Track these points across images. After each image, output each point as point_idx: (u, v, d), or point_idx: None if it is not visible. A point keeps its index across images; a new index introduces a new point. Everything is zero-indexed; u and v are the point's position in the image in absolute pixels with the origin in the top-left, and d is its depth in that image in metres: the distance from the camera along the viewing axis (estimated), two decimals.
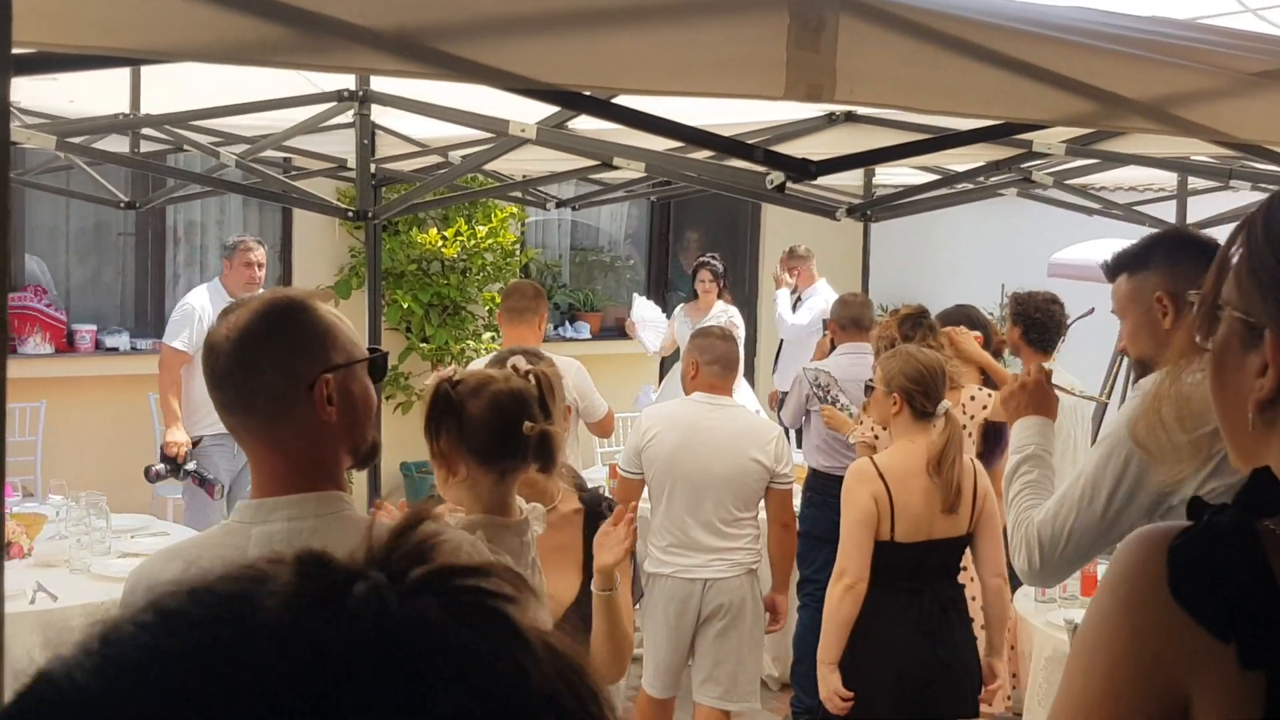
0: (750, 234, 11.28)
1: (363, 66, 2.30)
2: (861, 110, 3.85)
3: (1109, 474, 2.52)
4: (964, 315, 5.38)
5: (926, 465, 3.82)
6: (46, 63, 1.66)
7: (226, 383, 1.86)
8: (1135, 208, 5.55)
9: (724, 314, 8.00)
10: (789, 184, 3.09)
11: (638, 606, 3.14)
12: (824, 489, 5.45)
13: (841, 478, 5.44)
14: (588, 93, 2.07)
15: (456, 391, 2.37)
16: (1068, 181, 4.82)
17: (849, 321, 5.88)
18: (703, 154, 3.80)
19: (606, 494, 3.14)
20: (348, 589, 0.56)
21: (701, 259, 8.50)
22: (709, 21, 1.91)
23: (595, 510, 2.91)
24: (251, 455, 1.90)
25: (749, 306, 10.56)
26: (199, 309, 6.34)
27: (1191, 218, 5.24)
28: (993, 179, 4.55)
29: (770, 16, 1.93)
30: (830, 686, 3.84)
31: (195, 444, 6.27)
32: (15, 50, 1.85)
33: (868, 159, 2.78)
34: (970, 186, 4.71)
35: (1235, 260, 1.18)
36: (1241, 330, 1.17)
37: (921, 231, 9.74)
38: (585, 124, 3.68)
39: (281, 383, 1.85)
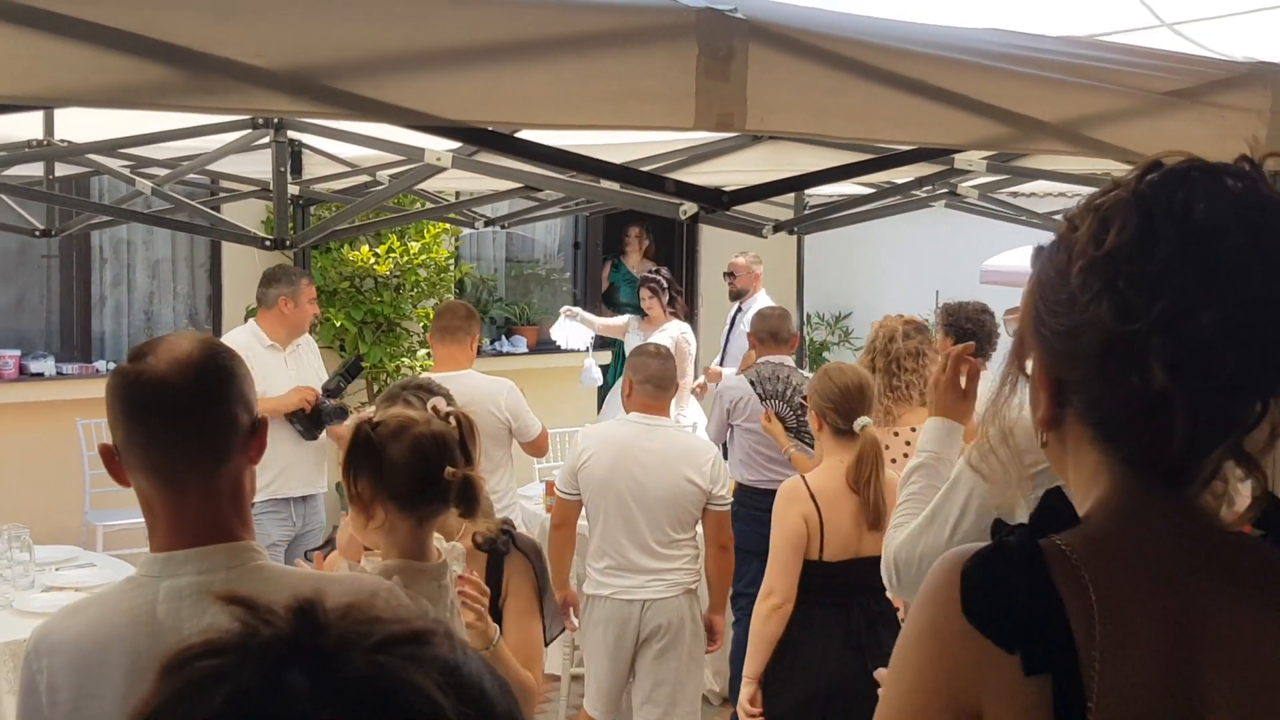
0: (686, 244, 11.29)
1: (259, 108, 2.25)
2: None
3: (955, 499, 2.53)
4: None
5: (845, 482, 3.83)
6: None
7: (183, 418, 1.79)
8: (1056, 215, 5.59)
9: (676, 331, 8.02)
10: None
11: (551, 641, 3.10)
12: (750, 503, 5.48)
13: (767, 491, 5.50)
14: (491, 128, 2.04)
15: (376, 434, 2.31)
16: (992, 194, 4.85)
17: (767, 334, 5.98)
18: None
19: (515, 527, 3.09)
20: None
21: (645, 274, 8.51)
22: (616, 53, 1.89)
23: (495, 549, 2.87)
24: (167, 502, 1.81)
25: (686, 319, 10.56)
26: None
27: None
28: (918, 193, 4.57)
29: (679, 47, 1.92)
30: (743, 699, 3.87)
31: None
32: None
33: (781, 188, 2.78)
34: (897, 201, 4.72)
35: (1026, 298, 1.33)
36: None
37: (854, 241, 9.80)
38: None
39: (239, 421, 1.81)
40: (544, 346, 10.10)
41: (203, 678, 0.67)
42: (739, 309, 8.16)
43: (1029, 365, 1.33)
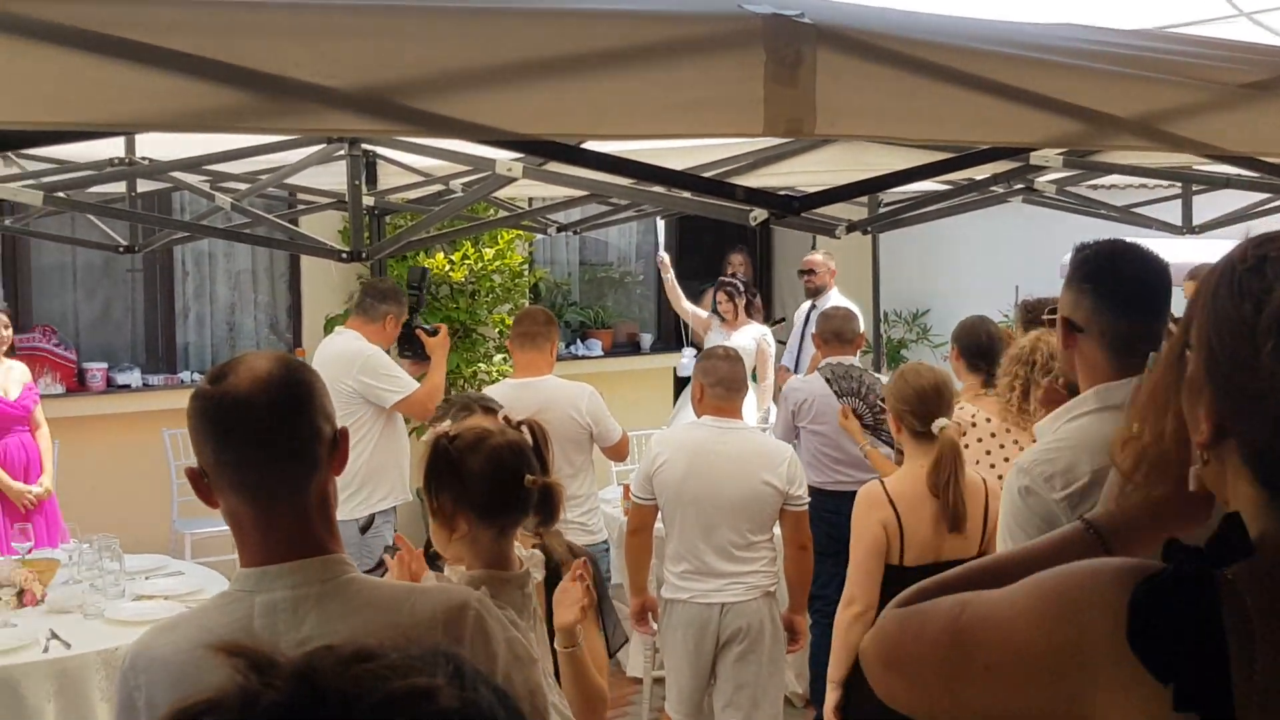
0: (760, 247, 11.26)
1: (332, 128, 2.28)
2: None
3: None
4: (979, 329, 5.28)
5: (925, 486, 3.79)
6: (12, 141, 1.65)
7: (271, 437, 1.81)
8: (1135, 209, 5.51)
9: (757, 333, 8.04)
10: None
11: (616, 651, 3.12)
12: (818, 504, 5.45)
13: (834, 492, 5.48)
14: (560, 140, 2.05)
15: (454, 447, 2.33)
16: (1069, 188, 4.78)
17: (831, 335, 5.95)
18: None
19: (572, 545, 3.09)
20: None
21: (721, 279, 8.53)
22: (683, 63, 1.89)
23: (553, 568, 2.86)
24: (257, 518, 1.83)
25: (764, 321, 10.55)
26: None
27: (1197, 218, 5.21)
28: (996, 189, 4.52)
29: (746, 54, 1.91)
30: (829, 704, 3.86)
31: (366, 528, 5.66)
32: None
33: (852, 191, 2.76)
34: (972, 198, 4.67)
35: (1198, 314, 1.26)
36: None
37: (932, 237, 9.70)
38: None
39: (322, 434, 1.84)
40: (619, 349, 10.13)
41: None
42: (812, 307, 8.12)
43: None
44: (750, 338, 8.01)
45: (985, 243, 10.28)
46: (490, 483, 2.30)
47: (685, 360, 8.93)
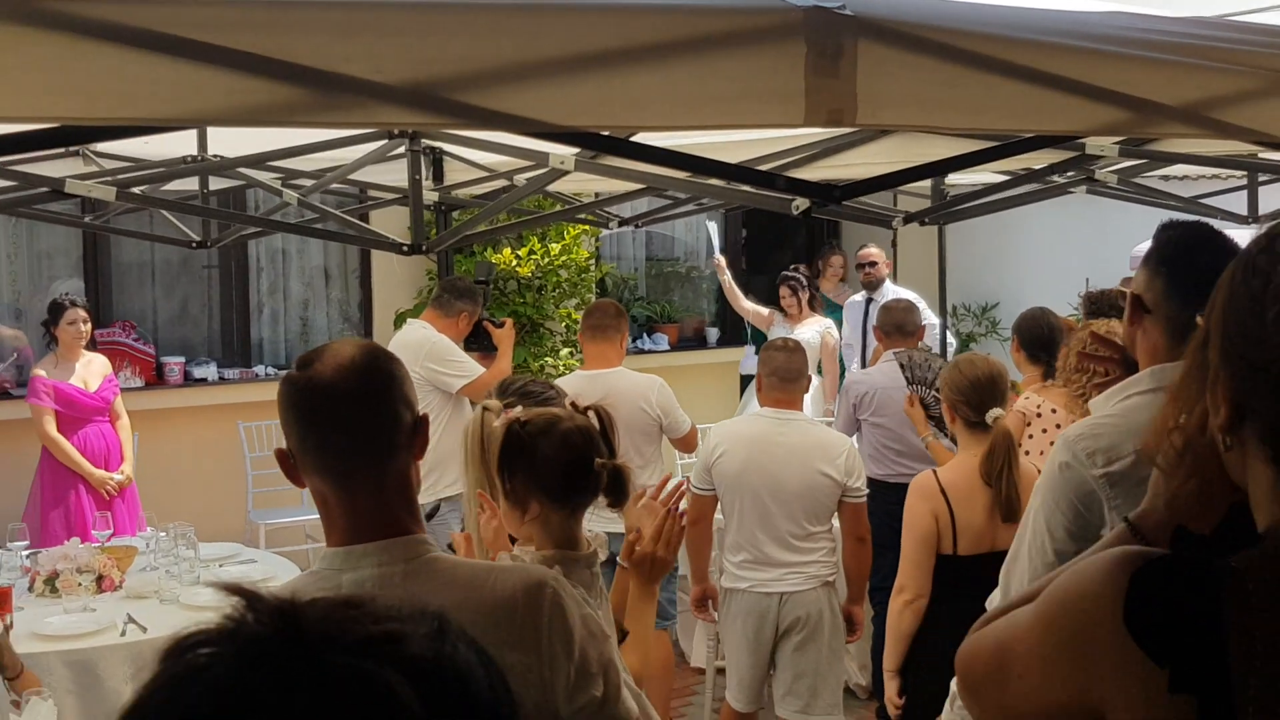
0: (825, 238, 11.23)
1: (381, 121, 2.36)
2: None
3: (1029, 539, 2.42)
4: (1040, 320, 5.26)
5: (979, 475, 3.80)
6: (80, 135, 1.74)
7: (353, 419, 1.89)
8: (1201, 200, 5.45)
9: (820, 326, 8.06)
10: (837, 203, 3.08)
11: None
12: (880, 496, 5.45)
13: (896, 485, 5.48)
14: (606, 132, 2.10)
15: (525, 431, 2.40)
16: (1134, 179, 4.75)
17: (893, 328, 5.94)
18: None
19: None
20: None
21: (784, 273, 8.55)
22: (724, 55, 1.93)
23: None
24: (342, 500, 1.90)
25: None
26: None
27: (1264, 208, 5.15)
28: (1056, 180, 4.50)
29: (787, 46, 1.95)
30: (889, 693, 3.90)
31: (431, 515, 5.71)
32: (59, 124, 1.95)
33: (894, 180, 2.78)
34: (1033, 188, 4.66)
35: (1218, 301, 1.29)
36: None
37: (1000, 230, 9.62)
38: None
39: (402, 420, 1.91)
40: (685, 344, 10.17)
41: (188, 666, 0.73)
42: (869, 300, 8.12)
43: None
44: (814, 331, 8.03)
45: (1054, 235, 10.19)
46: (562, 466, 2.37)
47: (747, 359, 8.95)
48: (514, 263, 8.19)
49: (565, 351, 8.45)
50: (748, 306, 8.73)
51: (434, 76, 1.73)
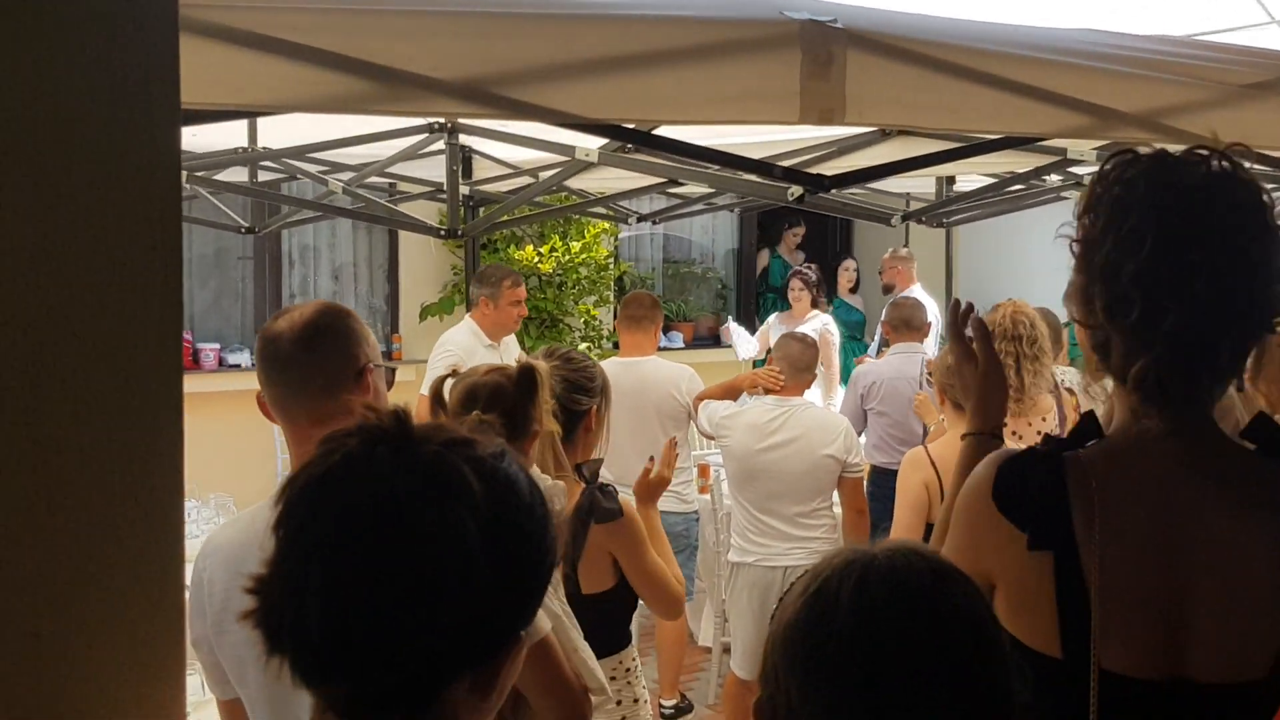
0: (840, 241, 11.52)
1: (439, 111, 2.67)
2: None
3: None
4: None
5: None
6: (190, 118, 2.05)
7: (289, 365, 2.15)
8: None
9: (820, 323, 8.31)
10: (837, 192, 3.37)
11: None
12: (884, 483, 5.72)
13: (898, 472, 5.73)
14: (630, 125, 2.40)
15: (445, 385, 2.61)
16: None
17: (900, 322, 6.24)
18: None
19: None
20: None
21: (796, 268, 8.81)
22: (731, 60, 2.23)
23: (590, 501, 2.98)
24: (291, 434, 2.17)
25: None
26: (463, 358, 5.44)
27: None
28: (1046, 181, 4.78)
29: (785, 54, 2.25)
30: None
31: None
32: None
33: (880, 172, 3.07)
34: (1022, 189, 4.94)
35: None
36: None
37: (1007, 233, 9.89)
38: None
39: (337, 367, 2.16)
40: (700, 342, 10.47)
41: (333, 444, 1.14)
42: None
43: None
44: (813, 328, 8.30)
45: (1058, 238, 10.41)
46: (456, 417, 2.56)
47: (736, 336, 8.88)
48: (536, 260, 8.50)
49: (584, 346, 8.74)
50: (755, 343, 8.88)
51: (482, 74, 2.04)
